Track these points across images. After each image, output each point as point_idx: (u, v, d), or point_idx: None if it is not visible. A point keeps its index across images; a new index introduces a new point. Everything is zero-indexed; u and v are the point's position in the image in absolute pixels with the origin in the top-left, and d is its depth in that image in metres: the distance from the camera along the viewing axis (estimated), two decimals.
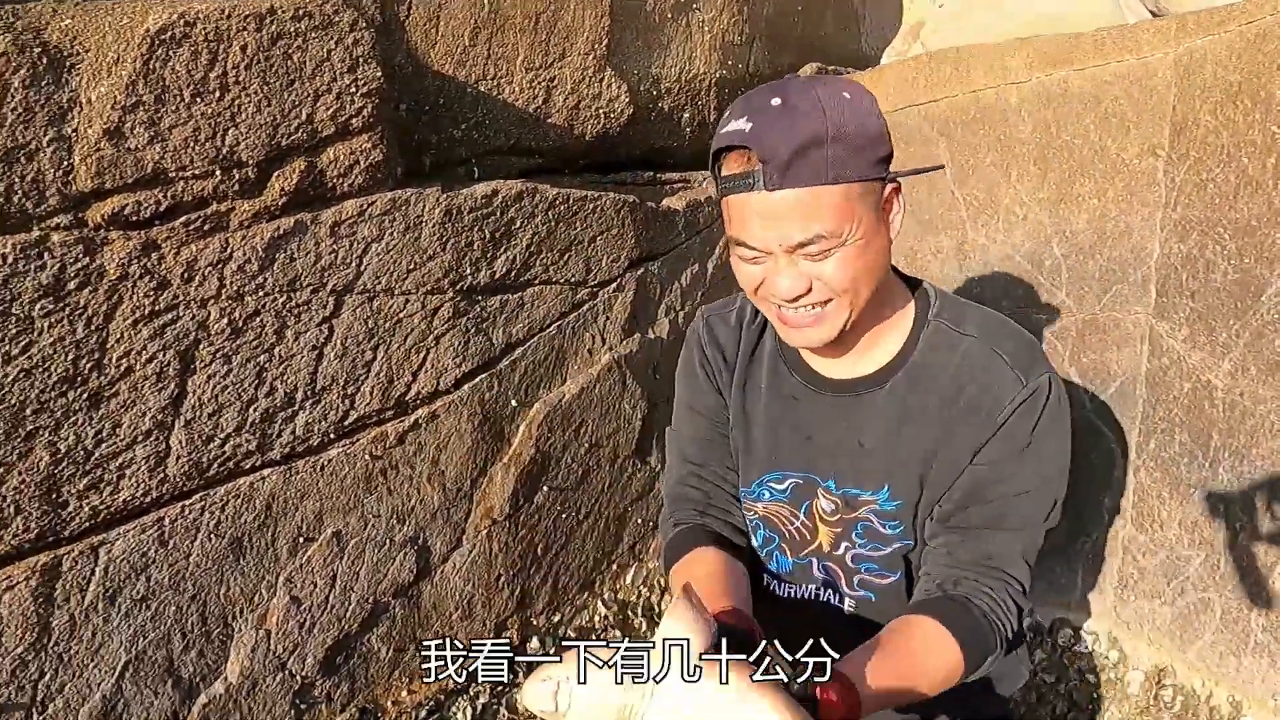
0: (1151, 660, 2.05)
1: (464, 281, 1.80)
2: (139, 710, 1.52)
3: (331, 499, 1.72)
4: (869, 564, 1.29)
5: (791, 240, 1.03)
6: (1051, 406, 1.16)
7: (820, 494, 1.27)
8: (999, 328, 1.21)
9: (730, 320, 1.36)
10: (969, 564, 1.19)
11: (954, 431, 1.18)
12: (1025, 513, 1.18)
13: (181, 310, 1.44)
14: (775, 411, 1.29)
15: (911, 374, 1.20)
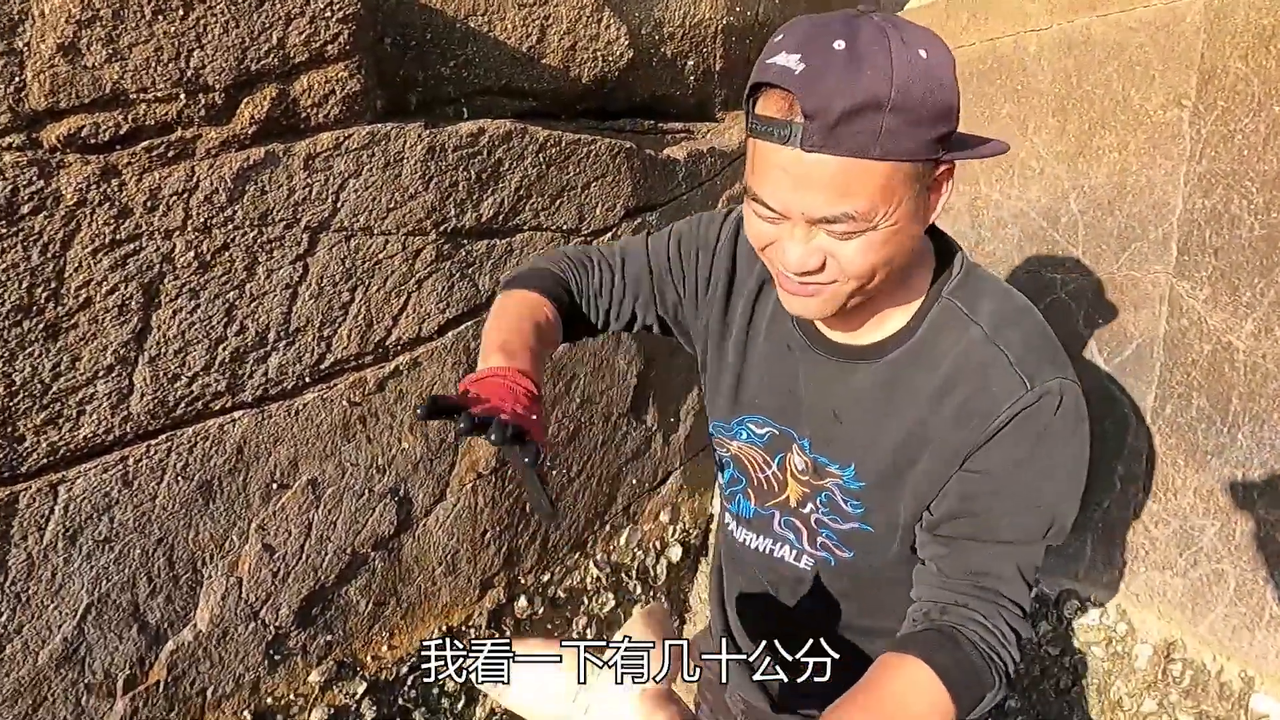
0: (1161, 633, 1.97)
1: (448, 223, 1.73)
2: (103, 654, 1.48)
3: (307, 445, 1.66)
4: (828, 532, 1.22)
5: (816, 213, 0.90)
6: (1062, 417, 1.02)
7: (795, 449, 1.20)
8: (1014, 319, 1.06)
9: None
10: (958, 581, 1.07)
11: (942, 430, 1.06)
12: (1022, 527, 1.06)
13: (145, 241, 1.38)
14: (769, 355, 1.20)
15: (909, 353, 1.08)
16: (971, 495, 1.06)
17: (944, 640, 1.03)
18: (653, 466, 2.39)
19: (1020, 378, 1.01)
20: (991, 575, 1.06)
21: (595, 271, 1.25)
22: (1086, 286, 2.13)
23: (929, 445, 1.07)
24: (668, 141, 2.26)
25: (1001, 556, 1.06)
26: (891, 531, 1.16)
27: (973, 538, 1.06)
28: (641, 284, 1.25)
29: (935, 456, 1.06)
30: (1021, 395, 1.00)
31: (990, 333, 1.04)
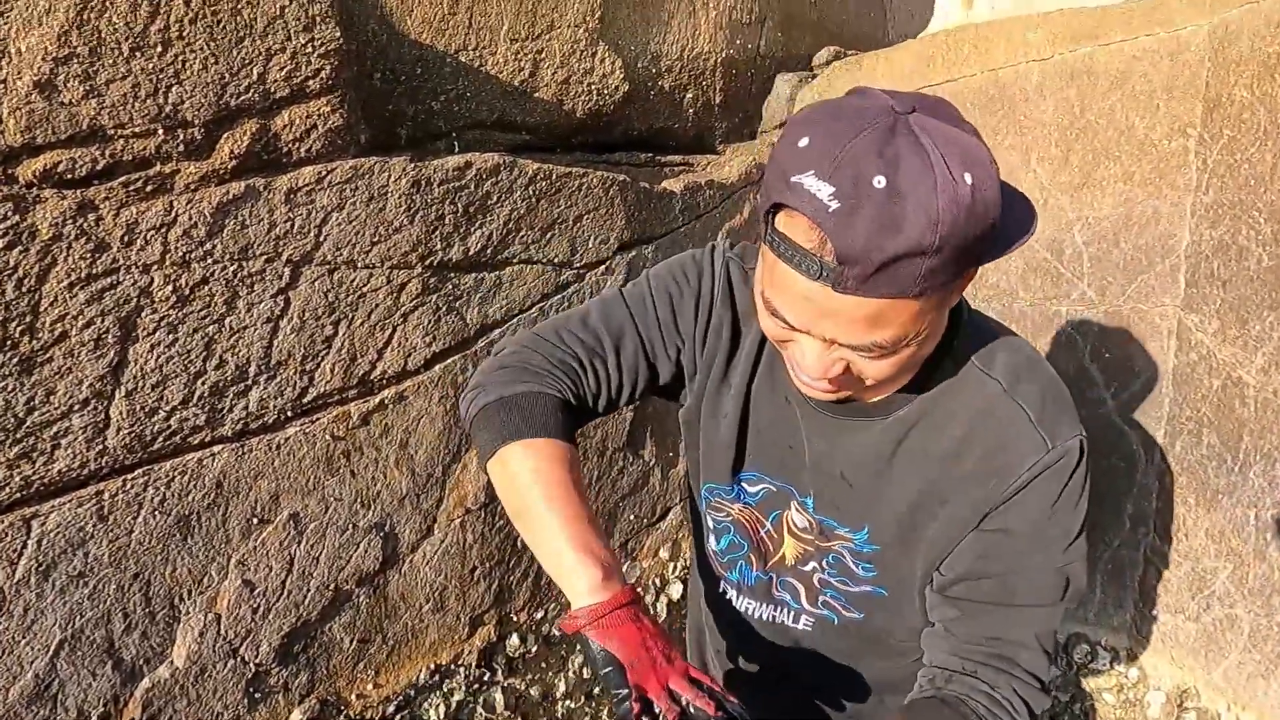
0: (1173, 680, 1.89)
1: (434, 257, 1.72)
2: (76, 692, 1.46)
3: (289, 480, 1.65)
4: (834, 592, 1.16)
5: (841, 340, 0.84)
6: (1078, 474, 0.98)
7: (794, 506, 1.13)
8: (1029, 373, 1.01)
9: (750, 282, 1.12)
10: (970, 646, 1.01)
11: (959, 488, 1.01)
12: (1039, 589, 1.00)
13: (121, 275, 1.39)
14: (765, 408, 1.13)
15: (918, 411, 1.03)
16: (987, 555, 1.00)
17: (946, 711, 0.97)
18: (651, 501, 2.35)
19: (1041, 437, 0.96)
20: (1005, 642, 1.00)
21: (589, 372, 1.12)
22: (1092, 320, 2.07)
23: (945, 505, 1.01)
24: (665, 174, 2.25)
25: (1017, 621, 1.00)
26: (907, 593, 1.09)
27: (987, 600, 1.01)
28: (639, 364, 1.14)
29: (951, 516, 1.01)
30: (1042, 456, 0.96)
31: (1008, 388, 0.99)
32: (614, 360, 1.12)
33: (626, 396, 1.17)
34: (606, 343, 1.12)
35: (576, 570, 0.93)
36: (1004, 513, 0.98)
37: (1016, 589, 0.99)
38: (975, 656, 1.00)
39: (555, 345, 1.12)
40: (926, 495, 1.02)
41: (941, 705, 0.98)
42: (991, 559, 1.00)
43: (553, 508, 0.99)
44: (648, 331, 1.13)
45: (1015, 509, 0.98)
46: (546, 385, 1.09)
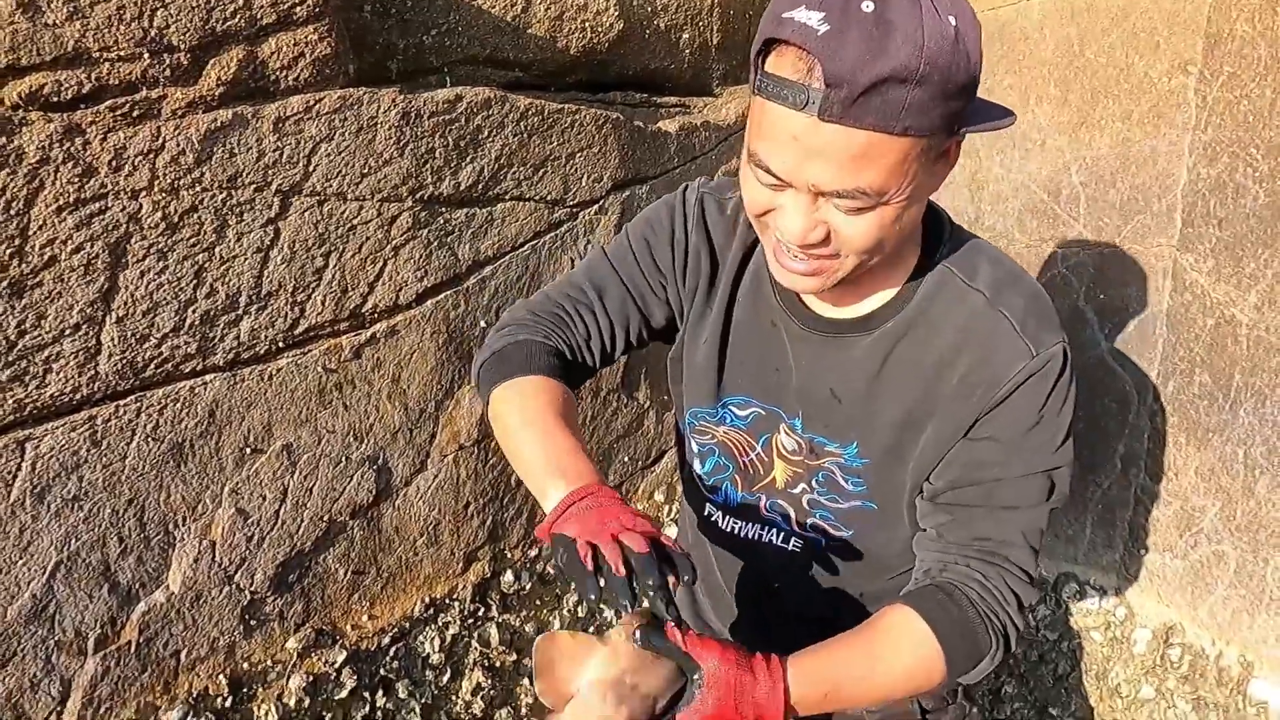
0: (1160, 617, 1.91)
1: (424, 190, 1.72)
2: (73, 612, 1.49)
3: (281, 410, 1.66)
4: (824, 511, 1.18)
5: (826, 186, 0.84)
6: (1063, 381, 1.00)
7: (783, 429, 1.15)
8: (1011, 284, 1.03)
9: (728, 210, 1.15)
10: (960, 546, 1.04)
11: (947, 401, 1.03)
12: (1026, 493, 1.03)
13: (110, 200, 1.39)
14: (750, 332, 1.15)
15: (903, 324, 1.05)
16: (976, 463, 1.03)
17: (940, 595, 1.01)
18: (645, 444, 2.36)
19: (1025, 344, 0.98)
20: (995, 541, 1.03)
21: (578, 321, 1.18)
22: (1088, 261, 2.06)
23: (933, 417, 1.04)
24: (660, 115, 2.24)
25: (1006, 522, 1.03)
26: (896, 507, 1.12)
27: (976, 504, 1.04)
28: (628, 308, 1.19)
29: (939, 427, 1.04)
30: (1027, 362, 0.98)
31: (991, 299, 1.01)
32: (600, 307, 1.17)
33: (621, 343, 1.21)
34: (590, 293, 1.18)
35: (545, 487, 0.98)
36: (991, 420, 1.01)
37: (1005, 493, 1.03)
38: (967, 554, 1.03)
39: (544, 303, 1.19)
40: (915, 408, 1.05)
41: (936, 590, 1.02)
42: (980, 466, 1.03)
43: (527, 433, 1.04)
44: (631, 278, 1.18)
45: (1002, 416, 1.00)
46: (535, 334, 1.15)
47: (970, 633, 0.99)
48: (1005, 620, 1.01)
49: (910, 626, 0.99)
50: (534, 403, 1.07)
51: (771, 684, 0.90)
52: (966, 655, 0.99)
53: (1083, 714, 2.03)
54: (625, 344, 1.21)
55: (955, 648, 0.98)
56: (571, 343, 1.17)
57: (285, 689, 1.78)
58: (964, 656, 0.99)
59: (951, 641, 0.98)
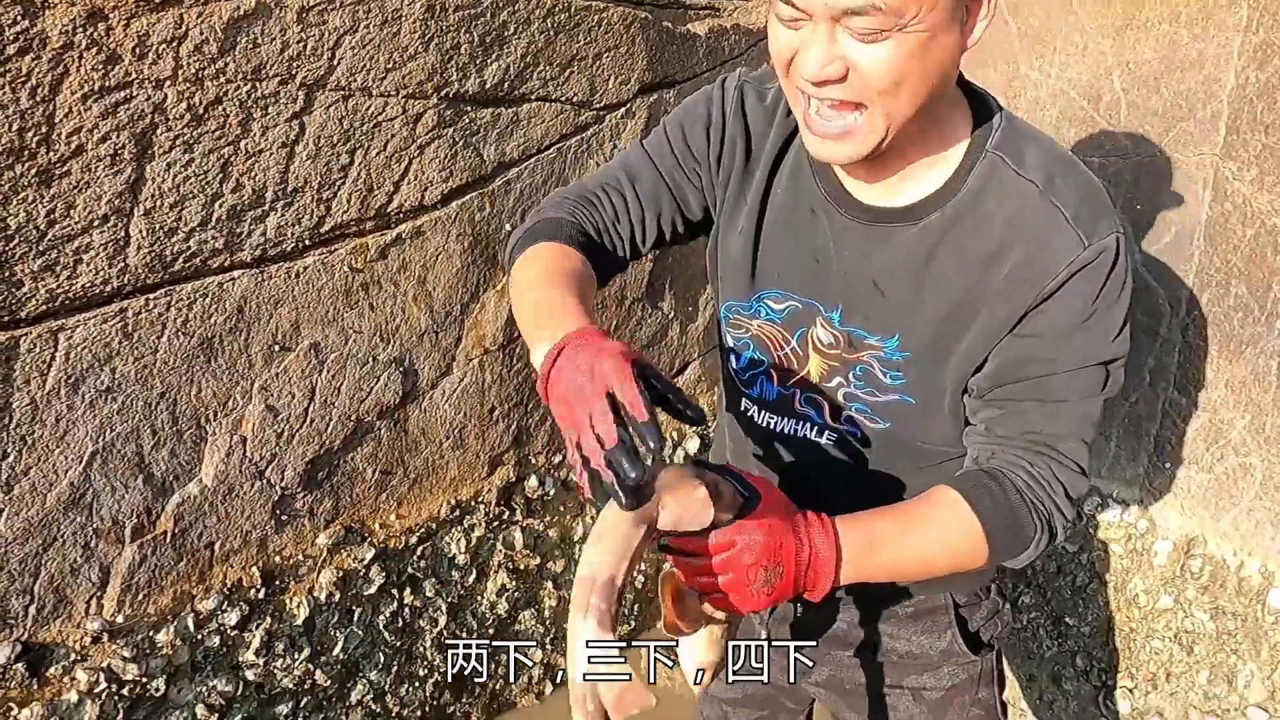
0: (1182, 530, 1.91)
1: (450, 87, 1.70)
2: (110, 501, 1.53)
3: (308, 309, 1.67)
4: (860, 405, 1.16)
5: (839, 2, 0.84)
6: (1117, 272, 0.97)
7: (819, 323, 1.13)
8: (1064, 172, 1.00)
9: (767, 99, 1.13)
10: (1009, 439, 1.03)
11: (995, 295, 1.00)
12: (1079, 387, 1.00)
13: (135, 89, 1.38)
14: (789, 222, 1.12)
15: (952, 214, 1.01)
16: (1027, 359, 1.01)
17: (986, 480, 1.00)
18: (669, 355, 2.36)
19: (1078, 235, 0.96)
20: (1045, 433, 1.01)
21: (606, 202, 1.16)
22: (1126, 170, 2.01)
23: (979, 311, 1.01)
24: (689, 17, 2.17)
25: (1056, 415, 1.01)
26: (936, 401, 1.10)
27: (1028, 399, 1.02)
28: (660, 194, 1.17)
29: (987, 322, 1.01)
30: (1079, 254, 0.95)
31: (1043, 189, 0.98)
32: (631, 192, 1.16)
33: (653, 230, 1.19)
34: (623, 178, 1.17)
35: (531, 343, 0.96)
36: (1042, 313, 0.99)
37: (1055, 387, 1.00)
38: (1016, 445, 1.02)
39: (577, 189, 1.19)
40: (961, 301, 1.02)
41: (982, 475, 1.01)
42: (1030, 361, 1.01)
43: (529, 292, 1.03)
44: (664, 164, 1.16)
45: (1054, 309, 0.98)
46: (562, 212, 1.14)
47: (1014, 517, 0.98)
48: (1051, 508, 1.00)
49: (954, 505, 0.99)
50: (541, 265, 1.05)
51: (824, 530, 0.91)
52: (1009, 539, 0.99)
53: (1099, 623, 2.05)
54: (658, 232, 1.19)
55: (998, 529, 0.98)
56: (599, 224, 1.15)
57: (316, 583, 1.83)
58: (1007, 540, 0.99)
59: (995, 523, 0.98)
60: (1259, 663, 1.82)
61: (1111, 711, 2.07)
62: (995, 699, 1.36)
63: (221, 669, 1.72)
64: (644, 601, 2.58)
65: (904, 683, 1.33)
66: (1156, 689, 1.98)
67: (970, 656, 1.31)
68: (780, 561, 0.88)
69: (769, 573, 0.88)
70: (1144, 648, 1.98)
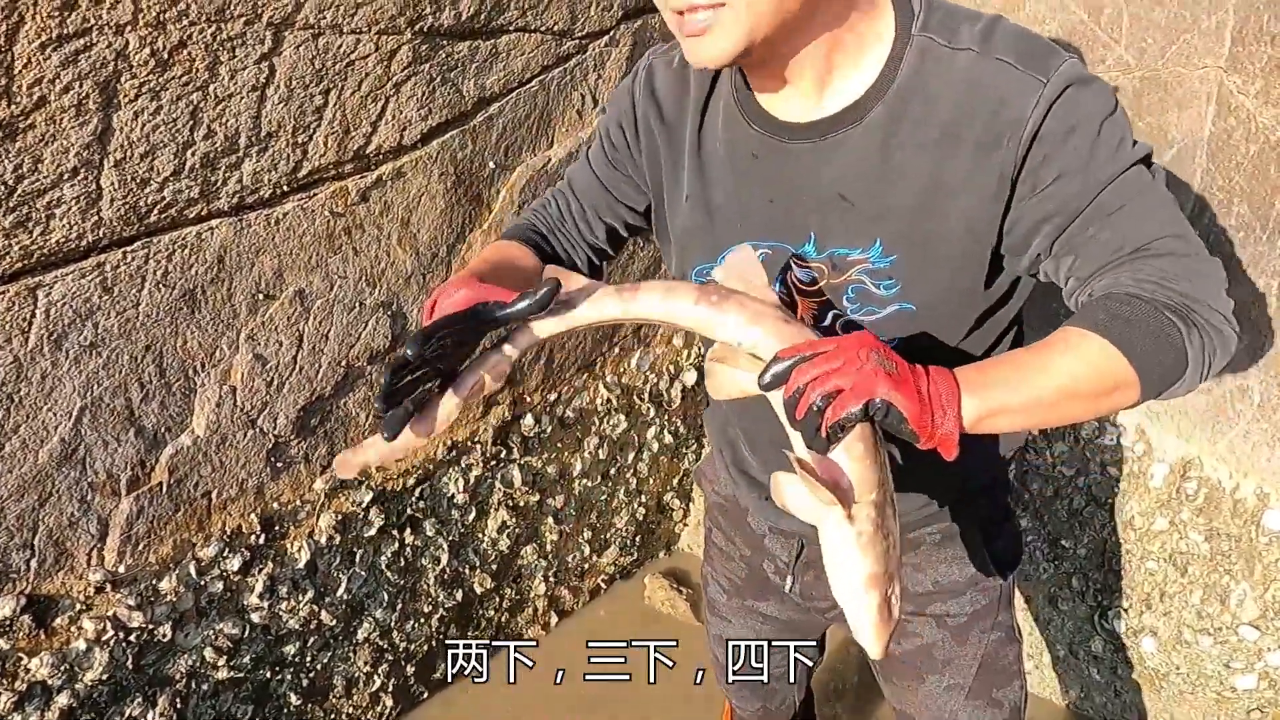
0: (1178, 452, 1.91)
1: (424, 21, 1.64)
2: (102, 455, 1.53)
3: (291, 256, 1.65)
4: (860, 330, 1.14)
5: None
6: (1090, 89, 0.93)
7: (794, 263, 1.10)
8: (997, 30, 0.97)
9: (674, 62, 1.13)
10: (1101, 268, 0.93)
11: (971, 167, 0.97)
12: (1133, 190, 0.93)
13: (95, 36, 1.33)
14: (735, 171, 1.10)
15: (895, 103, 0.99)
16: (1063, 205, 0.95)
17: (1090, 307, 0.90)
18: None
19: (1032, 77, 0.92)
20: (1133, 242, 0.91)
21: (553, 205, 1.29)
22: (1127, 86, 1.95)
23: (959, 189, 0.98)
24: None
25: (1131, 220, 0.92)
26: (934, 300, 1.06)
27: (1088, 225, 0.94)
28: (597, 194, 1.25)
29: (977, 192, 0.98)
30: (1042, 92, 0.92)
31: (982, 51, 0.95)
32: (572, 196, 1.28)
33: (601, 227, 1.28)
34: (567, 185, 1.30)
35: None
36: (1040, 160, 0.94)
37: (1110, 201, 0.93)
38: (1111, 268, 0.93)
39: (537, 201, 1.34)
40: (933, 185, 0.99)
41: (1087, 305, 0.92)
42: (1069, 200, 0.95)
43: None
44: (598, 167, 1.25)
45: (1048, 153, 0.94)
46: (522, 218, 1.32)
47: (1140, 320, 0.86)
48: (1181, 300, 0.87)
49: (1068, 333, 0.88)
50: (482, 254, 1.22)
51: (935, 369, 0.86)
52: (1155, 352, 0.85)
53: (1095, 546, 2.07)
54: (606, 229, 1.28)
55: (1141, 353, 0.84)
56: (548, 223, 1.28)
57: (315, 527, 1.85)
58: (1156, 360, 0.85)
59: (1134, 345, 0.84)
60: (1251, 582, 1.83)
61: (1107, 631, 2.10)
62: (1012, 620, 1.38)
63: (227, 613, 1.75)
64: (645, 532, 2.62)
65: (928, 610, 1.34)
66: (1150, 609, 2.00)
67: (997, 580, 1.32)
68: (889, 357, 0.83)
69: (881, 356, 0.82)
70: (1139, 569, 2.00)
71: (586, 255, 1.28)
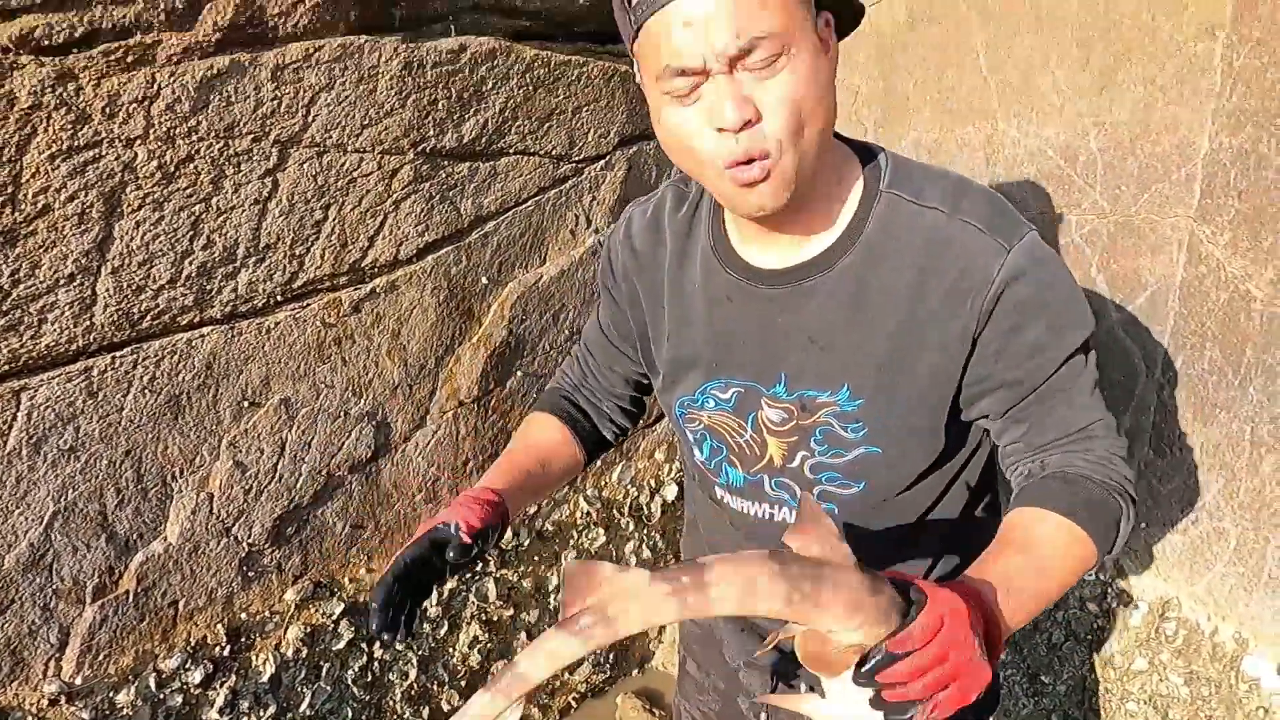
0: (1157, 592, 1.91)
1: (427, 143, 1.69)
2: (70, 561, 1.50)
3: (279, 364, 1.65)
4: (830, 473, 1.15)
5: (730, 44, 0.87)
6: (1046, 263, 1.01)
7: (765, 403, 1.13)
8: (965, 193, 1.03)
9: (648, 214, 1.20)
10: (1048, 444, 1.04)
11: (936, 322, 1.01)
12: (1075, 374, 1.03)
13: (104, 148, 1.36)
14: (711, 313, 1.14)
15: (864, 253, 1.04)
16: (1020, 374, 1.02)
17: (1053, 483, 1.00)
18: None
19: (998, 243, 0.99)
20: (1077, 425, 1.03)
21: (575, 365, 1.36)
22: (1102, 229, 2.02)
23: (926, 340, 1.02)
24: None
25: (1074, 406, 1.03)
26: (902, 445, 1.09)
27: (1038, 404, 1.04)
28: (603, 345, 1.32)
29: (940, 348, 1.02)
30: (1005, 259, 0.98)
31: (950, 212, 1.01)
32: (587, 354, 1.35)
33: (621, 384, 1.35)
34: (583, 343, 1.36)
35: None
36: (998, 331, 1.00)
37: (1059, 384, 1.02)
38: (1059, 446, 1.03)
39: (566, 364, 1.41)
40: (901, 336, 1.03)
41: (1048, 480, 1.01)
42: (1029, 374, 1.02)
43: None
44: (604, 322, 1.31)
45: (1008, 320, 1.00)
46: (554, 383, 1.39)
47: (1105, 509, 0.98)
48: (1120, 478, 1.01)
49: (1042, 518, 0.97)
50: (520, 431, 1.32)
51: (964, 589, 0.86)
52: (1105, 525, 0.98)
53: (1075, 682, 2.04)
54: (628, 387, 1.35)
55: (1100, 530, 0.97)
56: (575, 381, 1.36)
57: (283, 639, 1.80)
58: (1101, 527, 0.98)
59: (1095, 526, 0.97)
60: None
61: None
62: None
63: None
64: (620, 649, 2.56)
65: None
66: None
67: None
68: (974, 624, 0.81)
69: (979, 636, 0.81)
70: (1119, 710, 1.97)
71: (612, 408, 1.35)
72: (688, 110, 0.92)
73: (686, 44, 0.88)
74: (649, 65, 0.93)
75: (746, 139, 0.91)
